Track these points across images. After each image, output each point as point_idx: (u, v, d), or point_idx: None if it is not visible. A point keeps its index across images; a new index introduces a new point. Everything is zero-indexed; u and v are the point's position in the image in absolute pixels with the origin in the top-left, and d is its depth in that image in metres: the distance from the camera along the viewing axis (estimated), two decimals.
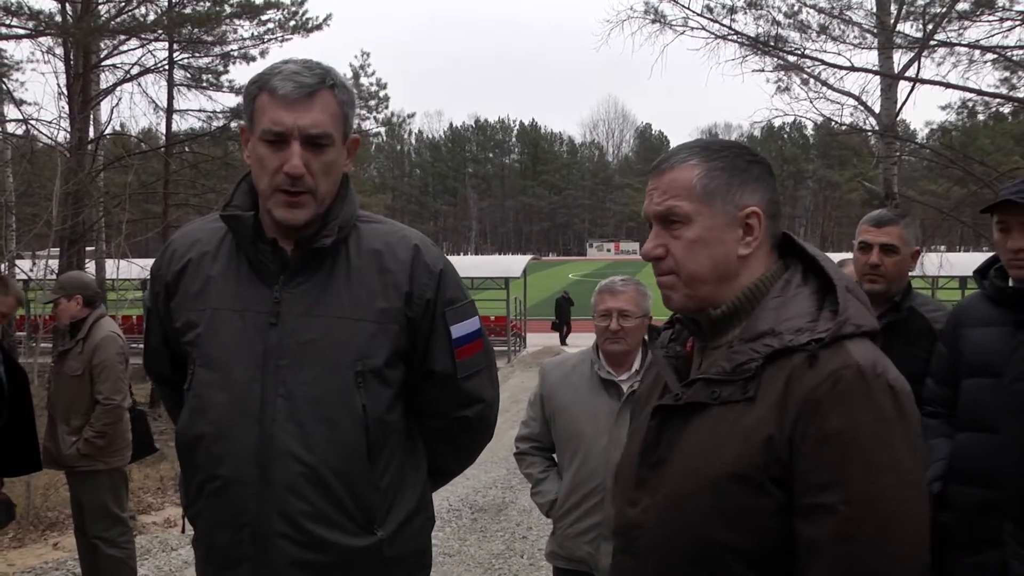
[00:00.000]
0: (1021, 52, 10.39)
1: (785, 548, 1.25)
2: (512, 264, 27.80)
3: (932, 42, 10.79)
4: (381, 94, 29.88)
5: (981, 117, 14.38)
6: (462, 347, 1.92)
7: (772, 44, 11.76)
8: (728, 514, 1.26)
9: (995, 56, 10.48)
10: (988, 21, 10.32)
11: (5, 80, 14.21)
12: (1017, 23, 9.83)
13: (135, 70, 15.09)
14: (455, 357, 1.91)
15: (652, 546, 1.34)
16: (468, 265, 25.86)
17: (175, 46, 16.11)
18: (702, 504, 1.28)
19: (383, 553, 1.84)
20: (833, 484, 1.21)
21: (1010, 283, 2.56)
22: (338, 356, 1.79)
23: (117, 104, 28.61)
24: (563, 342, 25.64)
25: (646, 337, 3.03)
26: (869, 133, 11.86)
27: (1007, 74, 11.35)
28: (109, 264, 13.68)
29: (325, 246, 1.80)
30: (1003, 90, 11.53)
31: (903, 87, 11.12)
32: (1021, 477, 2.36)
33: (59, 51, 13.70)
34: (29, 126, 12.59)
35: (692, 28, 11.37)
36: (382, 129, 28.48)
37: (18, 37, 13.60)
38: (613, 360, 3.01)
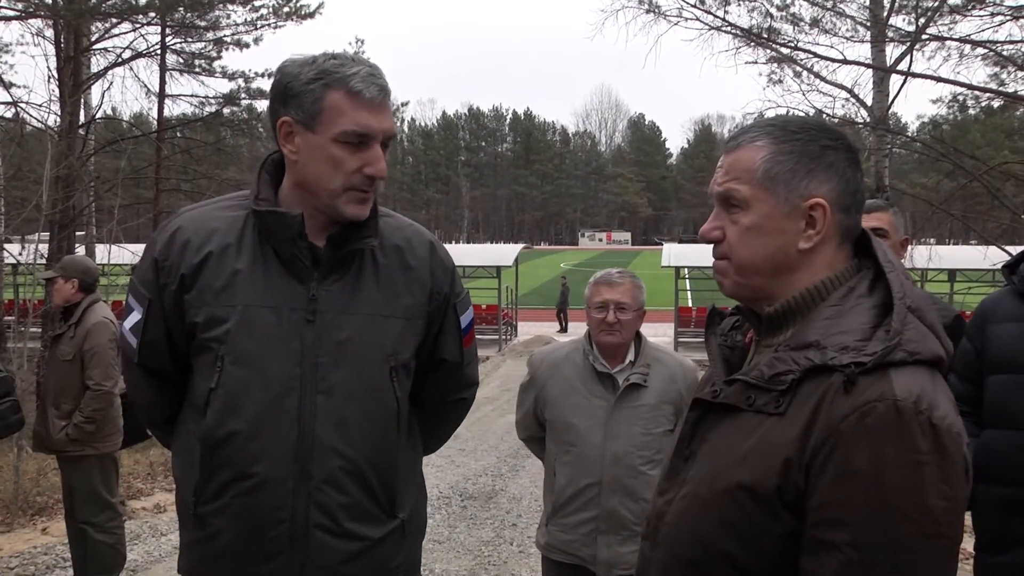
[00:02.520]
0: (1011, 47, 10.44)
1: None
2: (504, 253, 27.80)
3: (924, 36, 10.82)
4: None
5: (972, 111, 14.40)
6: (467, 335, 2.03)
7: (765, 36, 11.78)
8: (738, 528, 1.19)
9: (985, 51, 10.51)
10: (979, 16, 10.38)
11: None
12: (1007, 18, 9.87)
13: (127, 54, 15.00)
14: (463, 345, 2.02)
15: (667, 540, 1.30)
16: (460, 253, 25.80)
17: (167, 30, 16.00)
18: (715, 511, 1.22)
19: (405, 533, 1.92)
20: (844, 523, 1.11)
21: None
22: (374, 352, 1.83)
23: (108, 88, 28.50)
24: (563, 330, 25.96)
25: (639, 332, 2.99)
26: (861, 126, 11.87)
27: (997, 69, 11.39)
28: (100, 249, 13.62)
29: (373, 246, 1.84)
30: (993, 85, 11.58)
31: (895, 80, 11.16)
32: None
33: (49, 33, 13.58)
34: (19, 109, 12.49)
35: (686, 19, 11.45)
36: None
37: (7, 19, 13.48)
38: (607, 352, 2.93)
